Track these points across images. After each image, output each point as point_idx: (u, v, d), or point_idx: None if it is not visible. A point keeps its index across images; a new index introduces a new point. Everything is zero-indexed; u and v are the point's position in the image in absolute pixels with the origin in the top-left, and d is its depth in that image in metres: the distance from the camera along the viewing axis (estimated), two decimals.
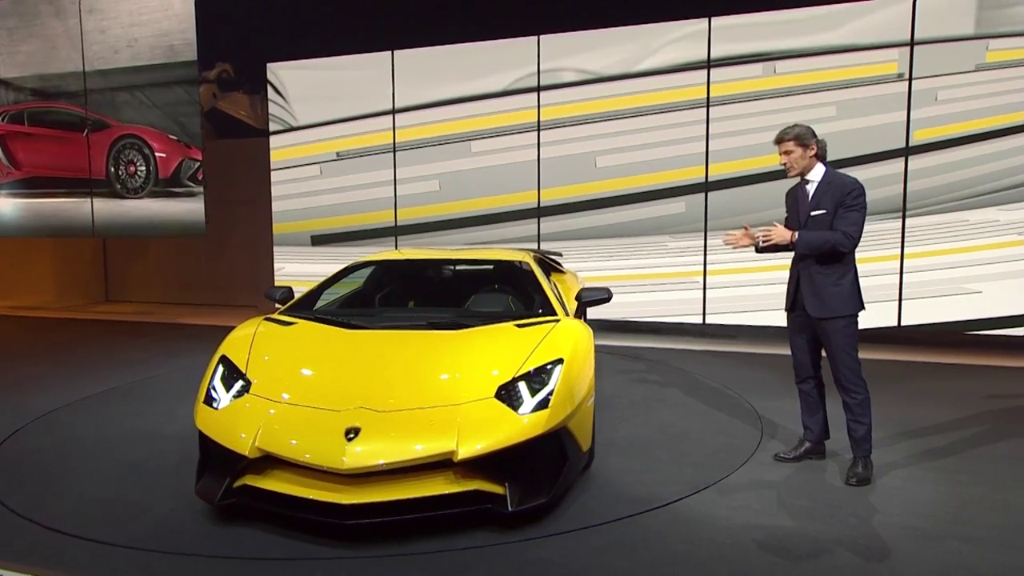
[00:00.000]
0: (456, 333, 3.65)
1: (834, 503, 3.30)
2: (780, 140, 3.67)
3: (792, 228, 3.65)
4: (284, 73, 8.84)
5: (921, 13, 6.56)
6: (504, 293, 4.66)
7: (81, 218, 9.88)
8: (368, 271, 4.97)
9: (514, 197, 7.98)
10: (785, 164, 3.67)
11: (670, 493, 3.40)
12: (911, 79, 6.64)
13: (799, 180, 3.74)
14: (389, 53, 8.33)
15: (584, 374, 3.36)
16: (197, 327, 8.98)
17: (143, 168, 9.46)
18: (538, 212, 7.92)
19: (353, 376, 3.27)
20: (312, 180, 8.75)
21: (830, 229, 3.53)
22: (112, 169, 9.62)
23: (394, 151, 8.40)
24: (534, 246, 7.85)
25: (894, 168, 6.68)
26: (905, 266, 6.65)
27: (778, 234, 3.57)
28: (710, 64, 7.20)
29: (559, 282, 5.11)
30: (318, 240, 8.80)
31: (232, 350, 3.49)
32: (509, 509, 2.89)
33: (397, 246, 8.47)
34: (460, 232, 8.22)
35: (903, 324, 6.69)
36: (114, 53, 9.46)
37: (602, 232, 7.66)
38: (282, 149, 8.88)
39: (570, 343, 3.43)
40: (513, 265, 4.94)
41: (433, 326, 3.77)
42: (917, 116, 6.63)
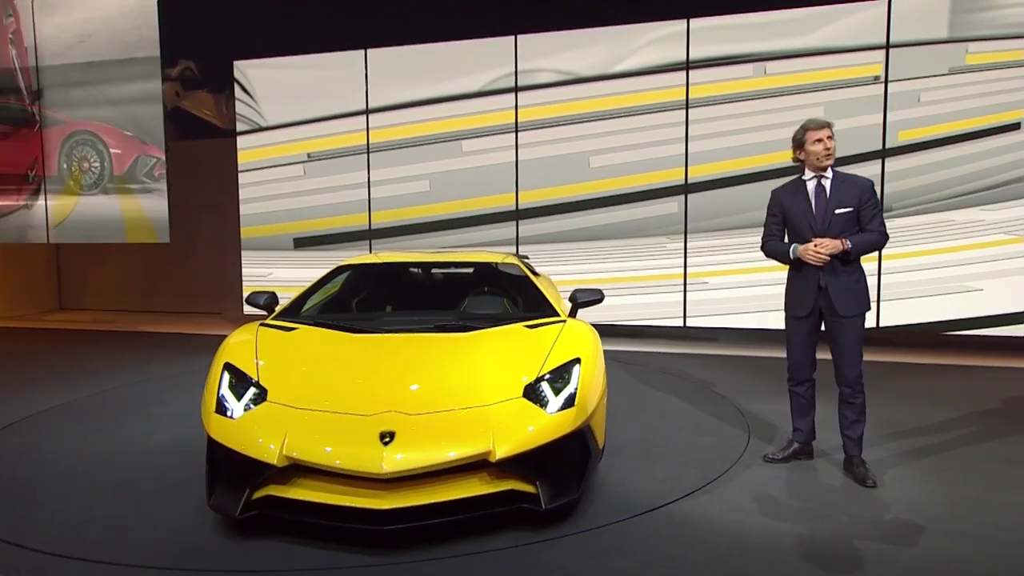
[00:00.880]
0: (468, 335, 3.65)
1: (827, 503, 3.32)
2: (828, 125, 3.62)
3: (797, 228, 3.66)
4: (252, 72, 8.55)
5: (899, 17, 6.64)
6: (496, 295, 4.65)
7: (36, 221, 9.41)
8: (351, 275, 4.84)
9: (491, 200, 7.85)
10: (829, 151, 3.60)
11: (662, 496, 3.40)
12: (887, 81, 6.71)
13: (799, 180, 3.69)
14: (362, 52, 8.13)
15: (599, 372, 3.40)
16: (160, 335, 8.61)
17: (97, 164, 9.08)
18: (516, 215, 7.79)
19: (376, 380, 3.22)
20: (290, 182, 8.45)
21: (857, 228, 3.57)
22: (64, 165, 9.21)
23: (368, 152, 8.19)
24: (511, 249, 7.72)
25: (874, 170, 6.73)
26: (883, 267, 6.72)
27: (832, 245, 3.54)
28: (688, 66, 7.18)
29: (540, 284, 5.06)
30: (301, 243, 8.53)
31: (235, 357, 3.36)
32: (543, 507, 2.91)
33: (371, 250, 8.25)
34: (436, 236, 8.05)
35: (881, 326, 6.75)
36: (67, 48, 9.05)
37: (576, 235, 7.57)
38: (251, 150, 8.58)
39: (584, 342, 3.48)
40: (501, 267, 4.94)
41: (440, 328, 3.75)
42: (902, 117, 6.70)
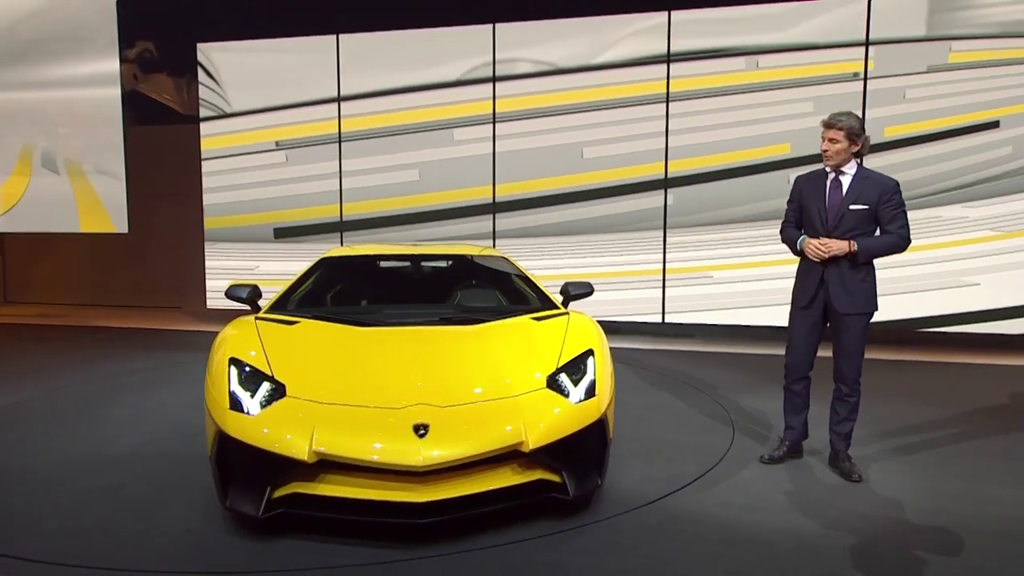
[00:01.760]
0: (478, 327, 3.61)
1: (815, 498, 3.33)
2: (830, 126, 3.45)
3: (810, 218, 3.56)
4: (217, 55, 8.18)
5: (878, 13, 6.65)
6: (487, 288, 4.56)
7: None
8: (337, 267, 4.71)
9: (466, 192, 7.64)
10: (825, 151, 3.47)
11: (654, 491, 3.39)
12: (866, 79, 6.72)
13: (822, 171, 3.56)
14: (334, 37, 7.85)
15: (609, 363, 3.41)
16: (114, 330, 8.17)
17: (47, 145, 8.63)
18: (493, 208, 7.60)
19: (397, 373, 3.17)
20: (266, 170, 8.11)
21: (874, 228, 3.45)
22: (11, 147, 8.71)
23: (339, 141, 7.90)
24: (488, 243, 7.53)
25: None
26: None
27: (837, 247, 3.43)
28: (670, 59, 7.08)
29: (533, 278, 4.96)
30: (282, 233, 8.18)
31: (240, 352, 3.22)
32: (570, 495, 2.95)
33: (343, 242, 7.96)
34: (412, 229, 7.81)
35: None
36: (13, 24, 8.56)
37: (554, 230, 7.42)
38: (215, 136, 8.21)
39: (592, 333, 3.50)
40: (489, 260, 4.85)
41: (446, 321, 3.73)
42: (888, 113, 6.70)
